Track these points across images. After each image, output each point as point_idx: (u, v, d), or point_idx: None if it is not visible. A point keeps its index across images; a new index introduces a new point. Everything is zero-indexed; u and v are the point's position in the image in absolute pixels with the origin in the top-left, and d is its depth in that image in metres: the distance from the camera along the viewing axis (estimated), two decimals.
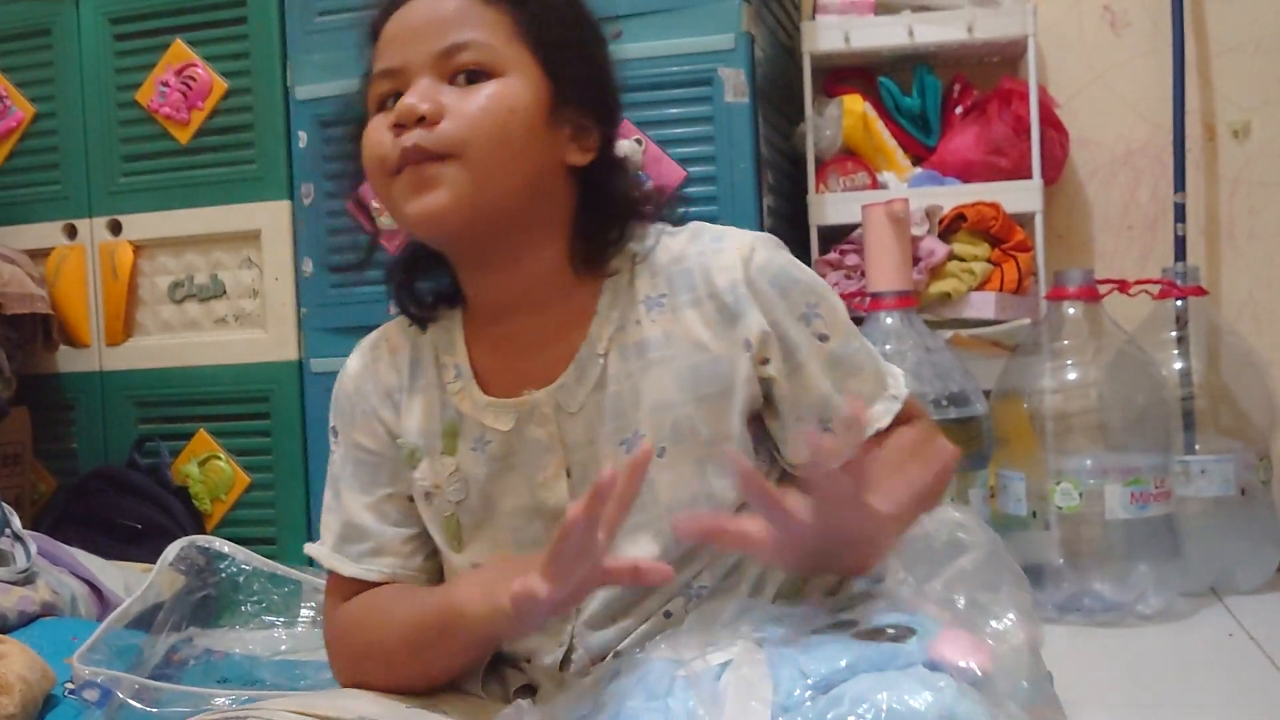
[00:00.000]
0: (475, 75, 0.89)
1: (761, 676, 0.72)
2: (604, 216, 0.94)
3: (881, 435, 0.93)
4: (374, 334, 1.03)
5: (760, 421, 0.94)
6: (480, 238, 0.91)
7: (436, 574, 0.99)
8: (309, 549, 1.01)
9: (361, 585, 0.97)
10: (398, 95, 0.89)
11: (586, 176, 0.94)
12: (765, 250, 0.93)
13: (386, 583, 0.97)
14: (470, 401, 0.94)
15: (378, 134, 0.90)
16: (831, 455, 0.73)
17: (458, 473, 0.94)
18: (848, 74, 2.22)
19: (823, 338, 0.92)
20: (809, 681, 0.72)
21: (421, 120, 0.87)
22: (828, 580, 0.93)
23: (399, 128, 0.88)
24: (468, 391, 0.95)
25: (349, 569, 0.97)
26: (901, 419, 0.95)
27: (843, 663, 0.73)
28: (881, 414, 0.93)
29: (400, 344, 1.00)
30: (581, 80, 0.93)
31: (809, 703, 0.70)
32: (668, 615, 0.90)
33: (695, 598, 0.90)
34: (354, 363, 1.01)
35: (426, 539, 0.99)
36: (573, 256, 0.94)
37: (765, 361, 0.91)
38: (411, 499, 0.98)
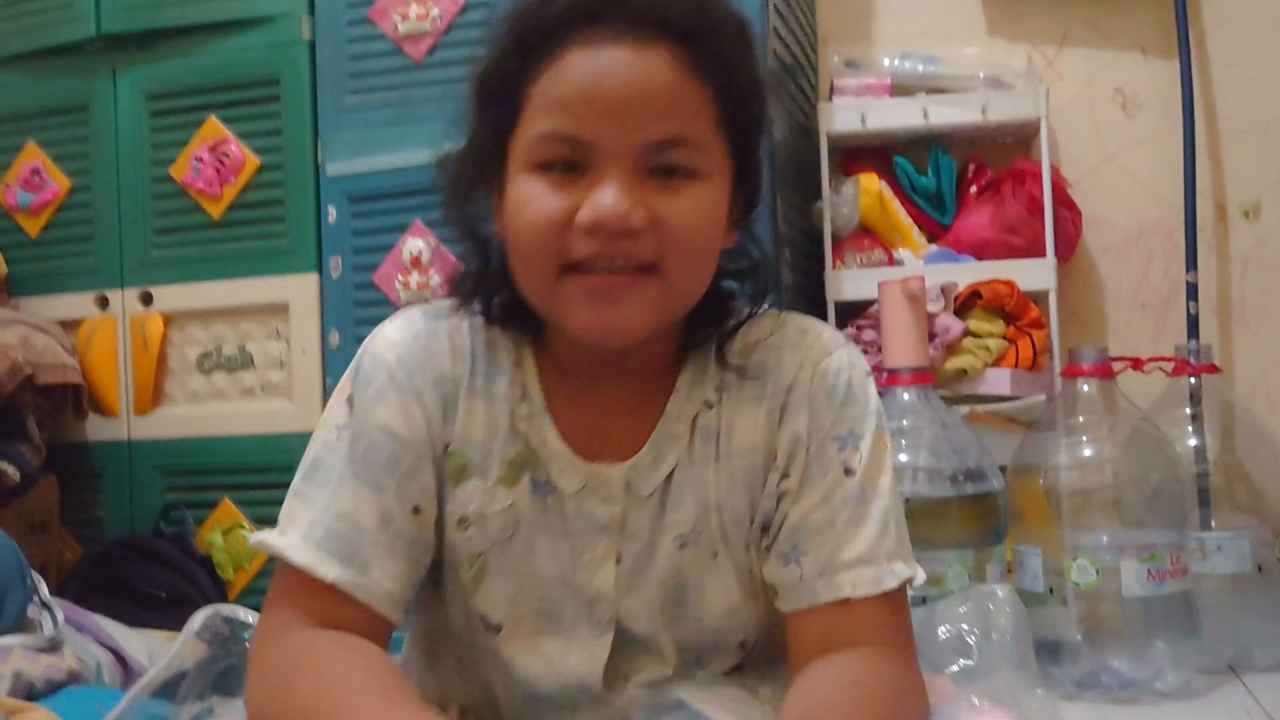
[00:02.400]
0: (674, 170, 0.78)
1: None
2: (725, 296, 0.87)
3: (848, 614, 0.81)
4: (431, 305, 0.87)
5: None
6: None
7: (399, 626, 0.83)
8: (259, 537, 0.81)
9: (333, 600, 0.78)
10: (568, 163, 0.77)
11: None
12: (840, 356, 0.86)
13: (357, 620, 0.78)
14: (540, 438, 0.84)
15: (548, 211, 0.77)
16: None
17: (512, 509, 0.84)
18: (864, 153, 2.26)
19: (849, 472, 0.83)
20: None
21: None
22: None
23: (594, 226, 0.76)
24: (538, 425, 0.84)
25: (332, 571, 0.78)
26: (878, 626, 0.81)
27: None
28: (865, 580, 0.80)
29: (464, 329, 0.86)
30: (756, 164, 0.84)
31: None
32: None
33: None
34: (397, 330, 0.85)
35: (411, 580, 0.82)
36: (687, 336, 0.87)
37: (785, 477, 0.85)
38: (418, 510, 0.82)
